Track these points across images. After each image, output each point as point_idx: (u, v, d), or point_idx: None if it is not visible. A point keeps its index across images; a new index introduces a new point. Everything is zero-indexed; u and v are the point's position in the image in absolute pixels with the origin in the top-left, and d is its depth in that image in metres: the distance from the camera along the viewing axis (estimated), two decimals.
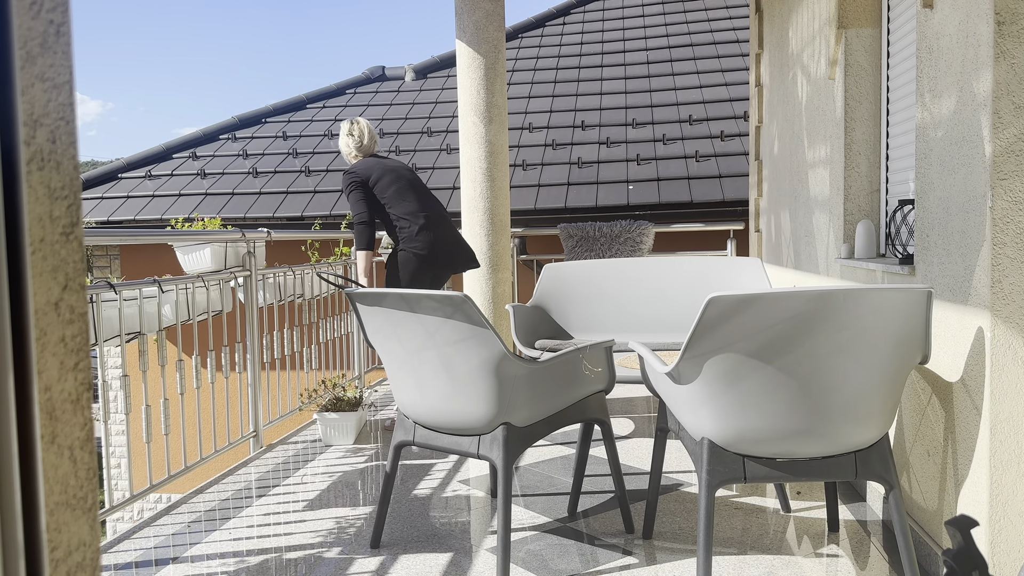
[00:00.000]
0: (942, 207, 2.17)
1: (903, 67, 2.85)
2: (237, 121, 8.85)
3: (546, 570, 2.36)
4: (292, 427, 5.69)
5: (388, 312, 2.34)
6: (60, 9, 0.52)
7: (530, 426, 2.35)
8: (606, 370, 2.63)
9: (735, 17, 9.85)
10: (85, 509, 0.54)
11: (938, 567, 2.20)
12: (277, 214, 7.05)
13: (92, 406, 0.55)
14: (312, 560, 2.48)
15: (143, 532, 2.76)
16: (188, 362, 6.71)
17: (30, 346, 0.50)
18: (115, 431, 6.89)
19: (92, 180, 7.89)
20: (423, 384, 2.36)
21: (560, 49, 9.77)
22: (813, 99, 3.68)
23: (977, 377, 1.97)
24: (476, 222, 4.46)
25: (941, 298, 2.19)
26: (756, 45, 5.25)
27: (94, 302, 2.72)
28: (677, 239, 6.68)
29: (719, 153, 7.09)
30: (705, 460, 2.05)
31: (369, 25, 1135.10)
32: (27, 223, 0.49)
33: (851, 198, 3.14)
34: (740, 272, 3.77)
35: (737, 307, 1.87)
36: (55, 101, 0.52)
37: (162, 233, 3.32)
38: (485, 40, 4.41)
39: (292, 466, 3.54)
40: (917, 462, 2.40)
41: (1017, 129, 1.85)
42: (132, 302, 2.95)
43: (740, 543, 2.54)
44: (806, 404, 1.96)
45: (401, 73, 9.77)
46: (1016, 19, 1.83)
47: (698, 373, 2.00)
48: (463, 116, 4.50)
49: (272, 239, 3.98)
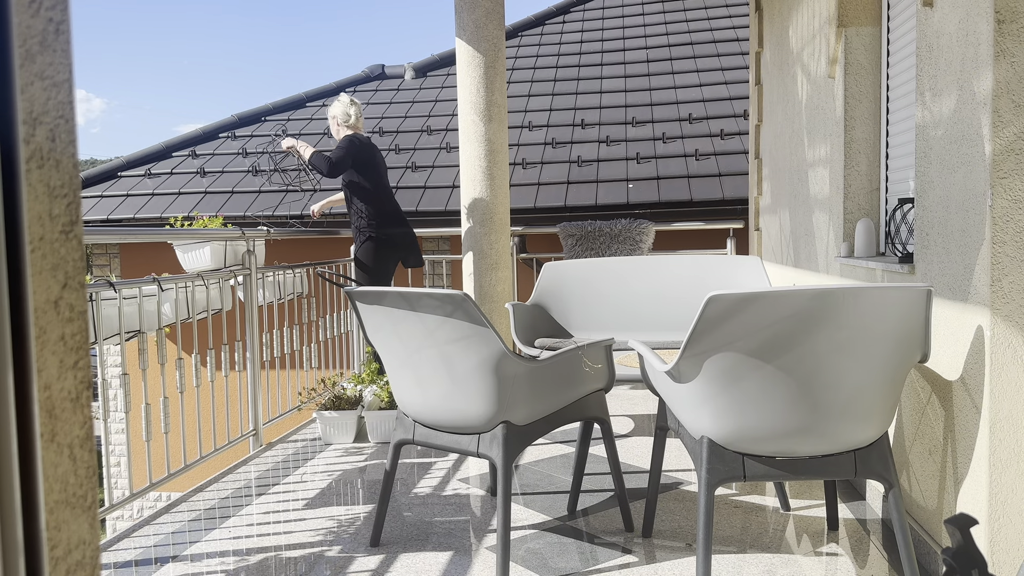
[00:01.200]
0: (942, 206, 2.17)
1: (903, 66, 2.84)
2: (236, 119, 8.84)
3: (546, 568, 2.36)
4: (292, 425, 5.69)
5: (388, 311, 2.34)
6: (60, 7, 0.52)
7: (530, 424, 2.35)
8: (606, 368, 2.63)
9: (735, 16, 9.85)
10: (85, 507, 0.54)
11: (938, 566, 2.20)
12: (277, 213, 7.04)
13: (92, 404, 0.55)
14: (312, 558, 2.48)
15: (143, 530, 2.76)
16: (188, 360, 6.71)
17: (30, 344, 0.50)
18: (115, 429, 6.89)
19: (92, 178, 7.89)
20: (423, 382, 2.36)
21: (560, 47, 9.76)
22: (813, 98, 3.67)
23: (977, 376, 1.97)
24: (476, 221, 4.46)
25: (941, 297, 2.19)
26: (756, 43, 5.25)
27: (94, 300, 2.72)
28: (677, 238, 6.68)
29: (719, 152, 7.09)
30: (705, 458, 2.05)
31: (369, 23, 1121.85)
32: (27, 221, 0.49)
33: (851, 197, 3.14)
34: (740, 271, 3.77)
35: (737, 306, 1.87)
36: (54, 99, 0.52)
37: (162, 231, 3.32)
38: (485, 38, 4.41)
39: (292, 464, 3.55)
40: (917, 461, 2.40)
41: (1017, 128, 1.85)
42: (132, 300, 2.95)
43: (740, 541, 2.54)
44: (806, 403, 1.96)
45: (401, 71, 9.77)
46: (1016, 18, 1.83)
47: (698, 372, 2.00)
48: (463, 114, 4.50)
49: (272, 237, 3.98)
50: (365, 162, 4.34)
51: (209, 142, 8.56)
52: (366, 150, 4.34)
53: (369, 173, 4.36)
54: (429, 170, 7.42)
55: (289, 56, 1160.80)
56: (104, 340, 2.78)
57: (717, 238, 6.48)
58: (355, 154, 4.29)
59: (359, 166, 4.32)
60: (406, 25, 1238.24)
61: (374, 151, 4.40)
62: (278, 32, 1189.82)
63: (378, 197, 4.37)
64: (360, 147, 4.32)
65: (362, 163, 4.33)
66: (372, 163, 4.36)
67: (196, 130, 8.67)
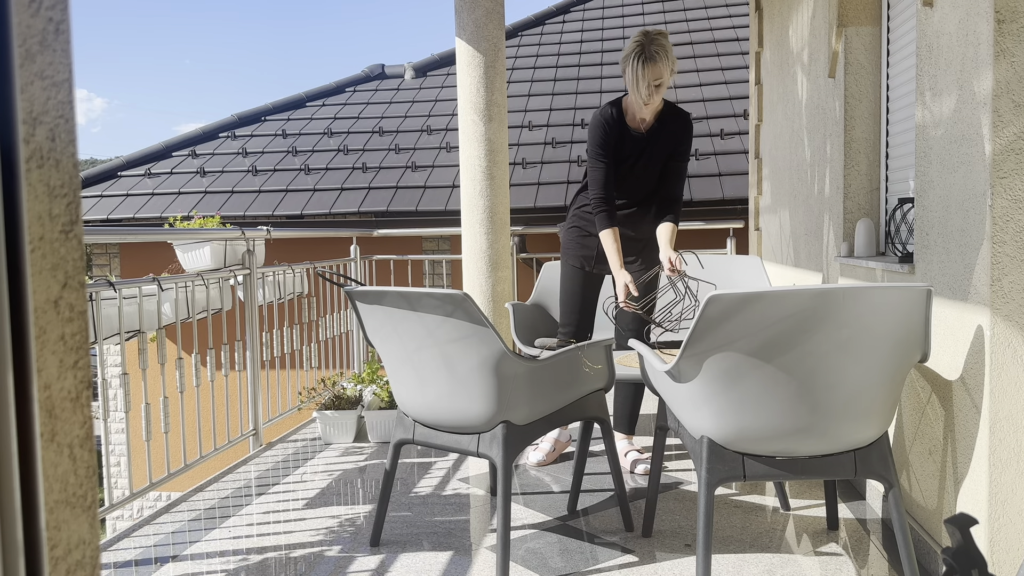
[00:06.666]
0: (942, 205, 2.17)
1: (903, 65, 2.84)
2: (236, 119, 8.84)
3: (546, 568, 2.36)
4: (292, 425, 5.70)
5: (388, 310, 2.34)
6: (59, 7, 0.52)
7: (530, 424, 2.35)
8: (606, 368, 2.63)
9: (735, 16, 9.85)
10: (85, 507, 0.54)
11: (937, 565, 2.20)
12: (276, 212, 7.04)
13: (92, 404, 0.55)
14: (312, 558, 2.48)
15: (143, 530, 2.76)
16: (188, 360, 6.71)
17: (29, 344, 0.50)
18: (115, 429, 6.89)
19: (91, 178, 7.89)
20: (423, 382, 2.36)
21: (560, 47, 9.76)
22: (813, 97, 3.67)
23: (977, 375, 1.97)
24: (476, 220, 4.46)
25: (941, 296, 2.19)
26: (756, 43, 5.25)
27: (93, 300, 2.72)
28: (677, 237, 6.68)
29: (719, 151, 7.09)
30: (704, 458, 2.05)
31: (369, 23, 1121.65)
32: (26, 221, 0.49)
33: (851, 196, 3.14)
34: (740, 270, 3.77)
35: (737, 306, 1.87)
36: (54, 99, 0.52)
37: (162, 231, 3.32)
38: (485, 38, 4.41)
39: (292, 464, 3.54)
40: (917, 460, 2.40)
41: (1017, 128, 1.85)
42: (132, 300, 2.95)
43: (739, 541, 2.54)
44: (806, 402, 1.96)
45: (401, 71, 9.76)
46: (1016, 17, 1.83)
47: (698, 371, 2.00)
48: (463, 114, 4.49)
49: (272, 237, 3.98)
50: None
51: (209, 142, 8.55)
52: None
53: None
54: (429, 170, 7.42)
55: (289, 56, 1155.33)
56: (104, 340, 2.78)
57: (717, 238, 6.48)
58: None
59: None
60: (406, 25, 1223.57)
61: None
62: (278, 32, 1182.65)
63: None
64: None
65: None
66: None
67: (196, 130, 8.67)
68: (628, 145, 3.11)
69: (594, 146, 3.11)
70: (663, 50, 2.94)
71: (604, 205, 3.08)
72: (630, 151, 3.12)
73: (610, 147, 3.09)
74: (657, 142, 3.10)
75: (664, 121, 3.11)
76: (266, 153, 8.12)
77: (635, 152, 3.12)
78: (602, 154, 3.08)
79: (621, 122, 3.11)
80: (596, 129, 3.11)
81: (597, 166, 3.10)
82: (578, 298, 3.30)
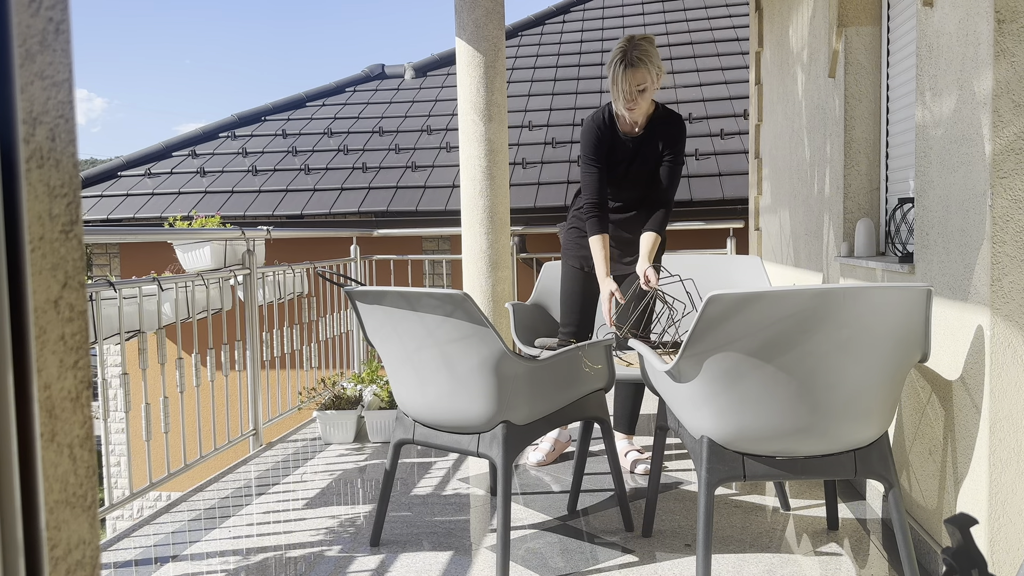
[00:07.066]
0: (942, 205, 2.17)
1: (903, 65, 2.84)
2: (236, 119, 8.84)
3: (546, 568, 2.36)
4: (292, 425, 5.69)
5: (388, 310, 2.34)
6: (59, 6, 0.52)
7: (530, 424, 2.35)
8: (606, 368, 2.63)
9: (735, 15, 9.84)
10: (85, 507, 0.54)
11: (937, 565, 2.20)
12: (276, 212, 7.04)
13: (92, 404, 0.55)
14: (312, 558, 2.48)
15: (143, 530, 2.76)
16: (188, 360, 6.71)
17: (29, 344, 0.50)
18: (115, 429, 6.89)
19: (91, 178, 7.89)
20: (423, 382, 2.36)
21: (560, 47, 9.76)
22: (813, 97, 3.67)
23: (977, 375, 1.97)
24: (476, 220, 4.46)
25: (941, 296, 2.19)
26: (756, 43, 5.25)
27: (94, 300, 2.72)
28: (677, 237, 6.67)
29: (719, 151, 7.09)
30: (704, 458, 2.05)
31: (369, 23, 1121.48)
32: (26, 221, 0.49)
33: (851, 196, 3.14)
34: (740, 270, 3.77)
35: (737, 305, 1.87)
36: (54, 99, 0.51)
37: (162, 231, 3.32)
38: (485, 38, 4.41)
39: (292, 464, 3.54)
40: (917, 460, 2.40)
41: (1017, 128, 1.84)
42: (132, 300, 2.95)
43: (740, 541, 2.54)
44: (806, 402, 1.96)
45: (401, 71, 9.76)
46: (1016, 17, 1.83)
47: (698, 371, 2.00)
48: (463, 114, 4.49)
49: (272, 237, 3.98)
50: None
51: (209, 142, 8.55)
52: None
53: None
54: (429, 170, 7.42)
55: (289, 56, 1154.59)
56: (104, 340, 2.78)
57: (717, 238, 6.48)
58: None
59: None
60: (406, 25, 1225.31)
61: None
62: (278, 32, 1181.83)
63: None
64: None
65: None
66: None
67: (196, 130, 8.67)
68: (620, 149, 3.11)
69: (586, 151, 3.11)
70: (646, 55, 2.93)
71: (596, 210, 3.07)
72: (623, 155, 3.11)
73: (602, 152, 3.09)
74: (650, 146, 3.10)
75: (656, 125, 3.10)
76: (266, 153, 8.12)
77: (628, 156, 3.11)
78: (594, 159, 3.08)
79: (613, 127, 3.11)
80: (588, 134, 3.11)
81: (589, 171, 3.09)
82: (578, 298, 3.30)
